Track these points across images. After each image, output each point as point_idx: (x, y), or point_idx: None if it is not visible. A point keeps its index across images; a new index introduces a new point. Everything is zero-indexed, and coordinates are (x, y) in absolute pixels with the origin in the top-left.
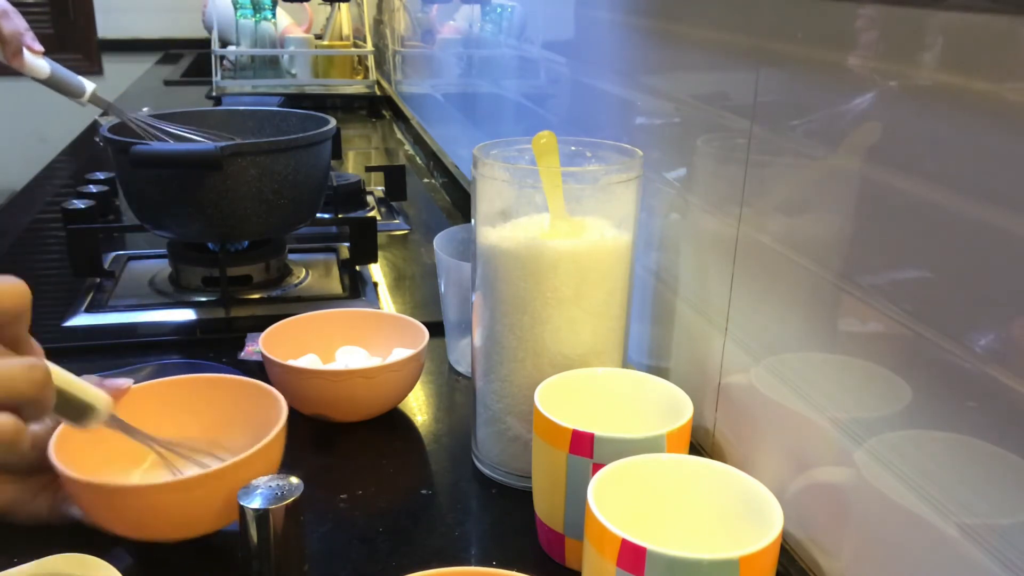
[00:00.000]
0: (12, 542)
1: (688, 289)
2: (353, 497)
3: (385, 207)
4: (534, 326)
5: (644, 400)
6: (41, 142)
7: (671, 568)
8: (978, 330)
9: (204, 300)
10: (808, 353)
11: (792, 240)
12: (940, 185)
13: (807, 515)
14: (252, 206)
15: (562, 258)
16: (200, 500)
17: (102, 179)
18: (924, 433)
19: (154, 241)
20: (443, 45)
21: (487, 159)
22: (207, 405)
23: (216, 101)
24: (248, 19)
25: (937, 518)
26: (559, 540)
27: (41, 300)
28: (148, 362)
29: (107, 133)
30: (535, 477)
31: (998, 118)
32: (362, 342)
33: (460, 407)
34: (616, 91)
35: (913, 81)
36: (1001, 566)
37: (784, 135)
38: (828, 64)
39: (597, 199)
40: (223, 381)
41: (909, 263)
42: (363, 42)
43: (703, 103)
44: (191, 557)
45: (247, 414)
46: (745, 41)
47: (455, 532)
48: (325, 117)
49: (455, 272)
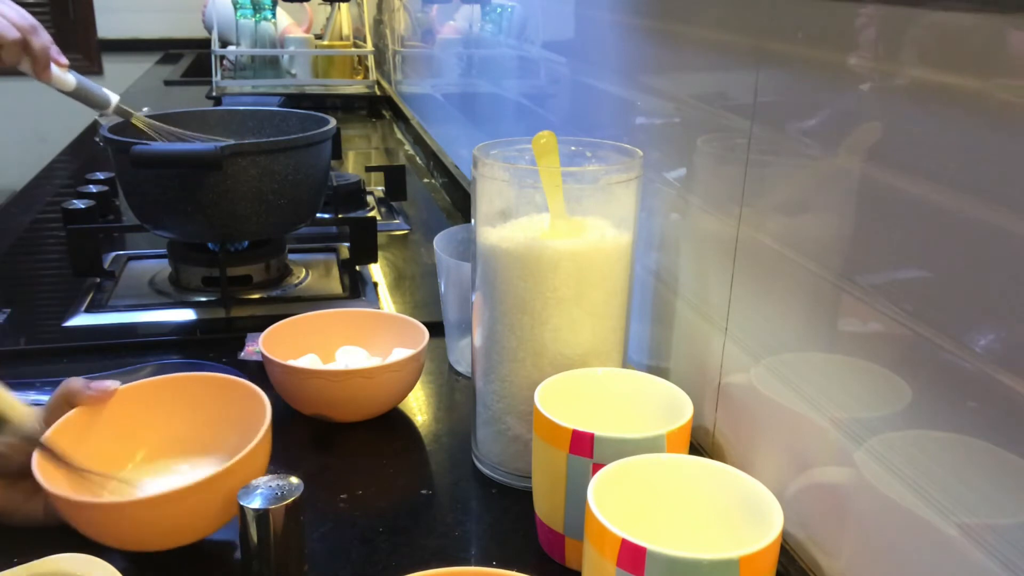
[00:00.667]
0: (12, 542)
1: (688, 289)
2: (353, 497)
3: (385, 207)
4: (534, 326)
5: (644, 400)
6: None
7: (671, 568)
8: (978, 330)
9: (204, 300)
10: (808, 353)
11: (792, 240)
12: (940, 185)
13: (807, 515)
14: (252, 206)
15: (562, 258)
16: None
17: (102, 179)
18: (924, 433)
19: (154, 241)
20: (443, 45)
21: (487, 159)
22: (192, 405)
23: (216, 101)
24: (248, 19)
25: (937, 518)
26: (559, 540)
27: (41, 300)
28: (148, 362)
29: (107, 133)
30: (535, 477)
31: (998, 118)
32: (362, 342)
33: (460, 407)
34: (616, 91)
35: (913, 81)
36: (1001, 566)
37: (784, 135)
38: (828, 64)
39: (597, 199)
40: (207, 380)
41: (909, 263)
42: (363, 42)
43: (703, 103)
44: (191, 557)
45: (234, 413)
46: (745, 41)
47: (455, 532)
48: (325, 117)
49: (455, 272)
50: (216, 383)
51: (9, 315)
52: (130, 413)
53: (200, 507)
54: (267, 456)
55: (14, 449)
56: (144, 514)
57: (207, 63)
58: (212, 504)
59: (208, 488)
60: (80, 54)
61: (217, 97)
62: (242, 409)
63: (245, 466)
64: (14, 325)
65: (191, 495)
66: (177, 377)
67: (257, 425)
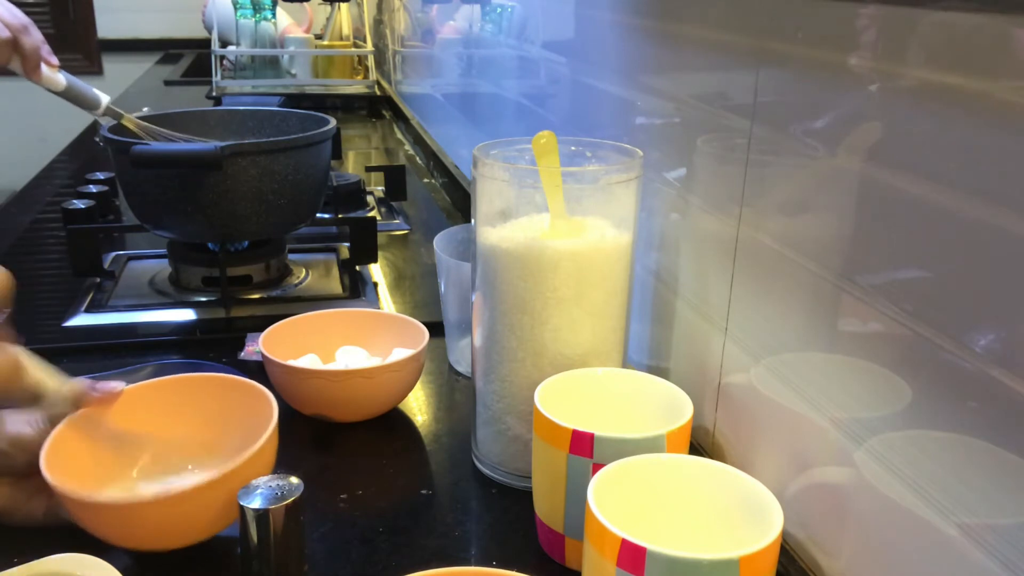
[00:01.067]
0: (12, 542)
1: (688, 289)
2: (353, 497)
3: (385, 207)
4: (534, 326)
5: (644, 400)
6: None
7: (671, 568)
8: (978, 330)
9: (204, 300)
10: (808, 353)
11: (792, 240)
12: (940, 185)
13: (807, 515)
14: (252, 206)
15: (562, 258)
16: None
17: (102, 179)
18: (924, 433)
19: (154, 241)
20: (443, 45)
21: (487, 159)
22: (198, 405)
23: (216, 101)
24: (248, 19)
25: (937, 518)
26: (559, 540)
27: (41, 300)
28: (148, 362)
29: (107, 133)
30: (535, 477)
31: (998, 118)
32: (362, 342)
33: (460, 407)
34: (616, 91)
35: (913, 81)
36: (1001, 566)
37: (784, 135)
38: (828, 64)
39: (597, 199)
40: (213, 380)
41: (909, 263)
42: (363, 42)
43: (703, 103)
44: (191, 557)
45: (239, 413)
46: (745, 41)
47: (455, 532)
48: (325, 117)
49: (455, 272)
50: (221, 384)
51: (9, 315)
52: (135, 415)
53: (208, 506)
54: (273, 455)
55: (18, 448)
56: (152, 513)
57: (207, 63)
58: (220, 503)
59: (217, 487)
60: (80, 54)
61: (217, 97)
62: (247, 409)
63: (253, 465)
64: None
65: (199, 494)
66: (182, 378)
67: (263, 424)
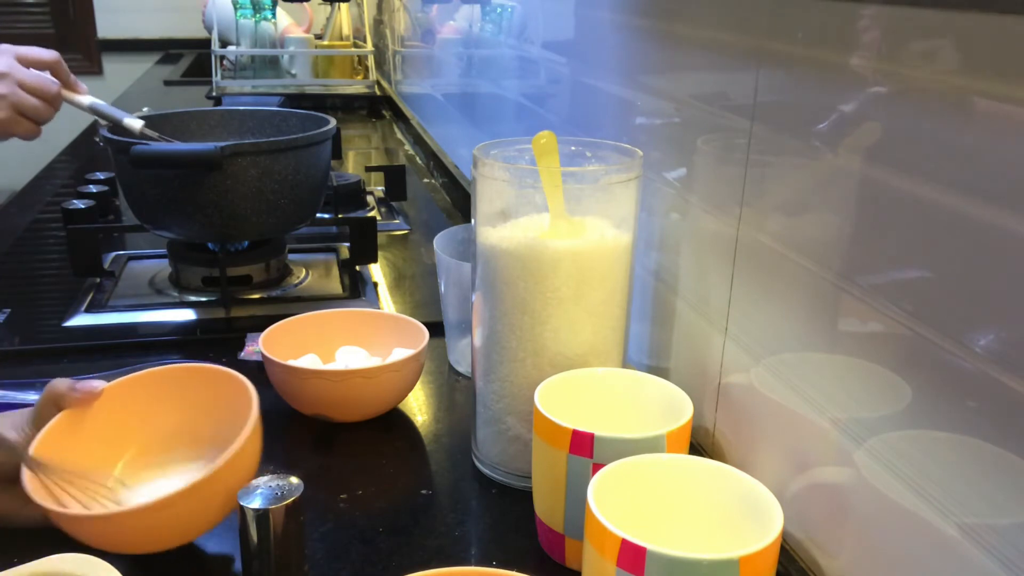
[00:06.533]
0: (12, 542)
1: (688, 289)
2: (353, 497)
3: (385, 207)
4: (534, 326)
5: (644, 400)
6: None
7: (671, 568)
8: (978, 330)
9: (204, 300)
10: (808, 353)
11: (792, 240)
12: (940, 185)
13: (807, 515)
14: (252, 206)
15: (562, 258)
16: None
17: (102, 179)
18: (924, 433)
19: (154, 241)
20: (443, 45)
21: (487, 159)
22: (179, 397)
23: (216, 101)
24: (248, 19)
25: (937, 518)
26: (559, 540)
27: (41, 300)
28: (148, 362)
29: (107, 133)
30: (535, 477)
31: (998, 118)
32: (362, 342)
33: (460, 407)
34: (616, 91)
35: (913, 81)
36: (1001, 566)
37: (784, 135)
38: (828, 64)
39: (597, 199)
40: (191, 371)
41: (909, 263)
42: (363, 42)
43: (703, 103)
44: (191, 557)
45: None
46: (745, 41)
47: (455, 532)
48: (325, 117)
49: (455, 272)
50: (200, 373)
51: (9, 315)
52: (117, 411)
53: (193, 509)
54: (259, 447)
55: (10, 456)
56: (136, 522)
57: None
58: (205, 505)
59: (199, 491)
60: (80, 54)
61: (217, 97)
62: (229, 398)
63: (235, 464)
64: (14, 325)
65: (182, 500)
66: (160, 370)
67: (244, 411)
